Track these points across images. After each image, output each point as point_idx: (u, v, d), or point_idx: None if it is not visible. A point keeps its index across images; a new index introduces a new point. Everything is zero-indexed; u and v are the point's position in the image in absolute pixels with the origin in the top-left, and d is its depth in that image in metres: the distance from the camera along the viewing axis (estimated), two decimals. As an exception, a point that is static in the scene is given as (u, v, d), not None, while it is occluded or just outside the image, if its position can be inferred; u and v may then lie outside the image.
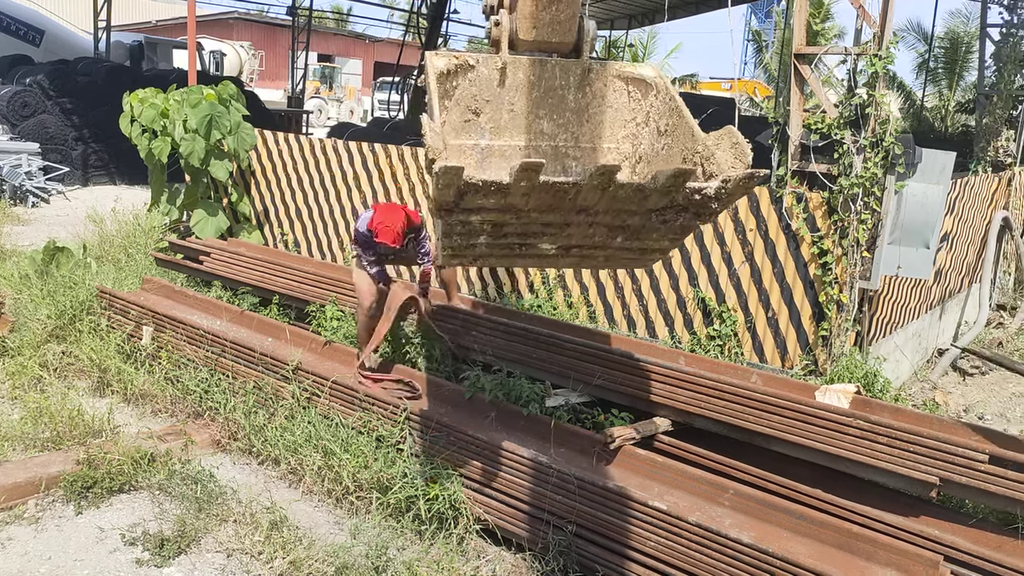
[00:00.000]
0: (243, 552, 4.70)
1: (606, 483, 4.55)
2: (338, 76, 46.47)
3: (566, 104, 3.66)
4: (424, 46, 21.83)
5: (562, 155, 3.82)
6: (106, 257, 8.96)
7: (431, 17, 22.37)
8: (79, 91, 17.77)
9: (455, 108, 3.59)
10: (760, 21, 45.34)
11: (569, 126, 3.72)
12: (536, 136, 3.73)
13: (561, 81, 3.56)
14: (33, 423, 5.82)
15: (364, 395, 5.59)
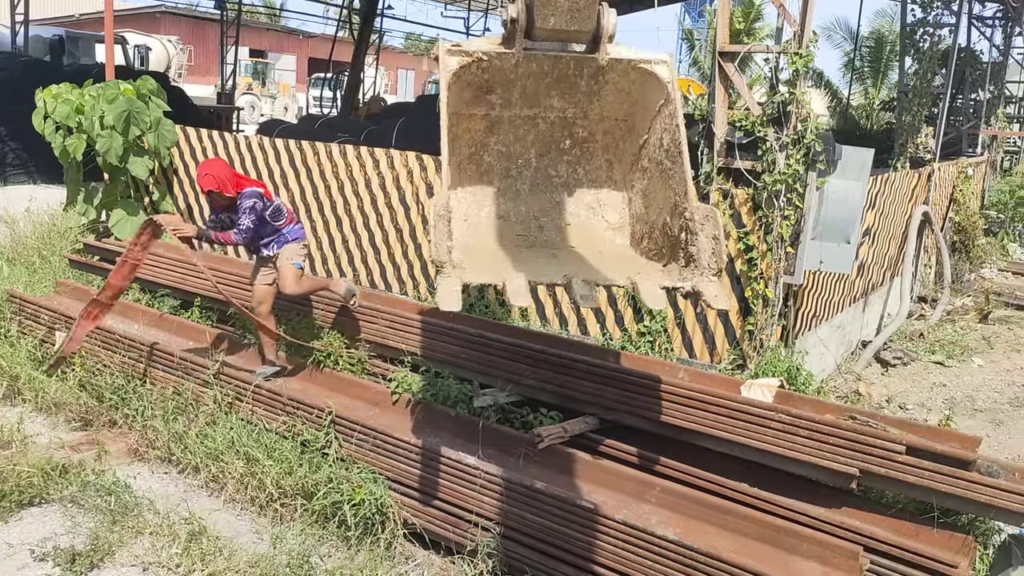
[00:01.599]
0: (159, 565, 4.54)
1: (533, 483, 4.51)
2: (271, 72, 45.58)
3: (578, 88, 3.65)
4: (357, 43, 21.54)
5: (570, 124, 3.80)
6: (18, 260, 8.57)
7: (364, 13, 22.08)
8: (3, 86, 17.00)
9: (467, 88, 3.52)
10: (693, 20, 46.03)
11: (580, 103, 3.71)
12: (546, 109, 3.71)
13: (575, 71, 3.52)
14: (-64, 436, 5.53)
15: (288, 399, 5.45)
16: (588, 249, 3.66)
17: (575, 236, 3.78)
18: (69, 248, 8.84)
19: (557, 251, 3.69)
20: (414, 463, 4.91)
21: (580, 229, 3.81)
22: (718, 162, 6.34)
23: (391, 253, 8.24)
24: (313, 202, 8.72)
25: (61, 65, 21.32)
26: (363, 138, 14.08)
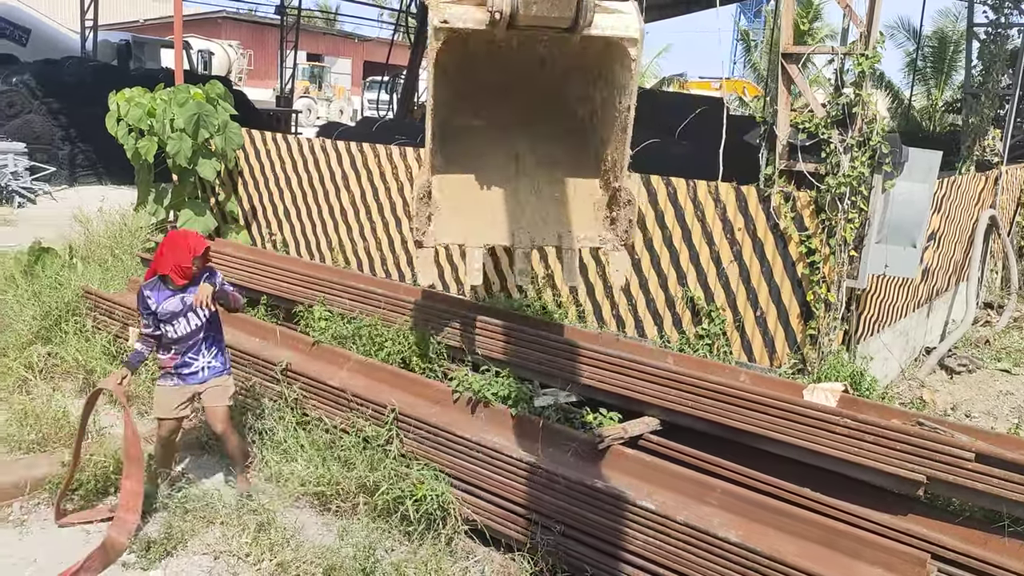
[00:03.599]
0: (230, 554, 4.69)
1: (594, 483, 4.55)
2: (327, 75, 46.32)
3: (552, 62, 3.88)
4: (413, 46, 21.79)
5: (543, 93, 4.04)
6: (92, 258, 8.90)
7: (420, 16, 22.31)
8: (66, 91, 17.66)
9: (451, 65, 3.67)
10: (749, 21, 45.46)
11: (553, 77, 3.95)
12: (521, 79, 3.94)
13: (551, 46, 3.66)
14: (18, 425, 5.78)
15: (352, 395, 5.57)
16: (543, 211, 3.96)
17: (536, 200, 4.00)
18: (140, 247, 9.14)
19: (519, 217, 3.97)
20: (475, 460, 4.98)
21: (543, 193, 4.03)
22: (780, 164, 6.29)
23: (449, 254, 8.35)
24: (373, 203, 8.87)
25: (128, 69, 21.98)
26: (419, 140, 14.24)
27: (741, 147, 9.79)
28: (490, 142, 4.06)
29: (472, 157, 4.01)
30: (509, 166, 4.10)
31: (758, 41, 38.30)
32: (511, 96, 3.84)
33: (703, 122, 13.94)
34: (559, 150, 4.11)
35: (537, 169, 4.12)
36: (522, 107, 3.93)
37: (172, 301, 4.91)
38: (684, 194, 6.78)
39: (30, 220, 13.59)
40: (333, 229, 9.29)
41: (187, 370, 5.03)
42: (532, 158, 4.11)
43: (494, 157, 4.08)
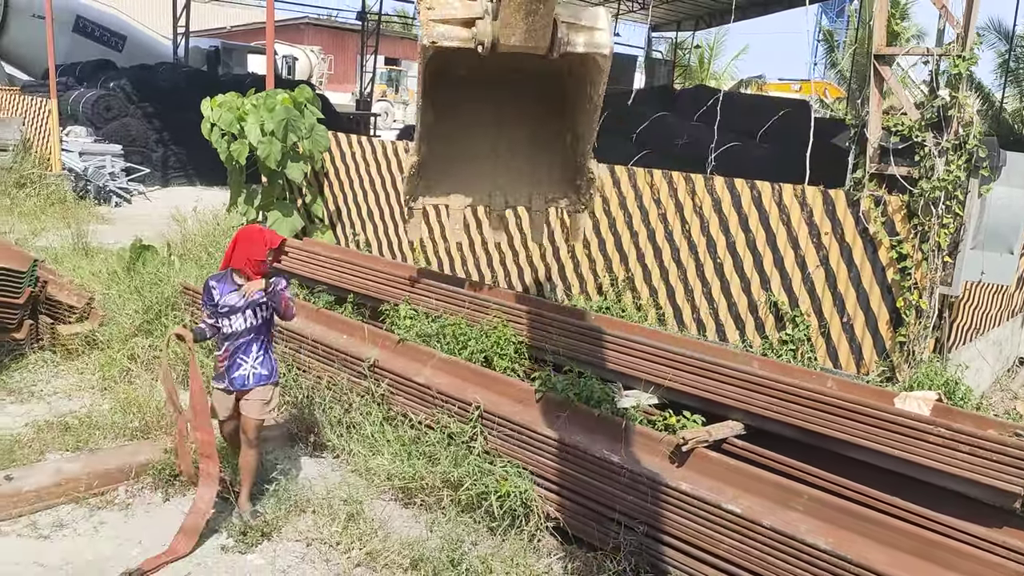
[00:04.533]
0: (322, 541, 4.85)
1: (679, 485, 4.56)
2: (404, 79, 47.09)
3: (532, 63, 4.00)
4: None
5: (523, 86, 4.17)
6: (188, 255, 9.28)
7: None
8: (160, 95, 18.42)
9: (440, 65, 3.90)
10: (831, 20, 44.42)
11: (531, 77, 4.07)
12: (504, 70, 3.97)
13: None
14: (122, 413, 6.09)
15: (437, 392, 5.70)
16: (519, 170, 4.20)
17: (513, 158, 4.23)
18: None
19: (497, 177, 4.19)
20: (558, 459, 5.04)
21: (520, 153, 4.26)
22: (870, 168, 6.19)
23: (529, 255, 8.44)
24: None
25: (217, 74, 22.80)
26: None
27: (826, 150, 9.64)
28: (474, 100, 4.26)
29: (459, 115, 4.22)
30: (492, 122, 4.32)
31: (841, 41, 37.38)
32: (495, 74, 4.01)
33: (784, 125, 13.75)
34: (539, 112, 4.32)
35: (518, 126, 4.33)
36: (505, 81, 4.10)
37: (234, 296, 4.90)
38: (769, 197, 6.72)
39: (126, 219, 14.23)
40: (415, 230, 9.48)
41: (235, 371, 4.93)
42: (514, 114, 4.33)
43: (479, 115, 4.29)
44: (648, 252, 7.50)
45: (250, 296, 4.88)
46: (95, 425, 5.93)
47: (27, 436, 5.75)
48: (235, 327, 4.93)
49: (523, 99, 4.13)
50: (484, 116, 4.17)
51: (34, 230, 11.76)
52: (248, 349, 4.97)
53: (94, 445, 5.71)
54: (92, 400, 6.49)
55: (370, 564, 4.65)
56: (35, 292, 7.22)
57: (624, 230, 7.64)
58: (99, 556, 4.60)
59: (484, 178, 4.14)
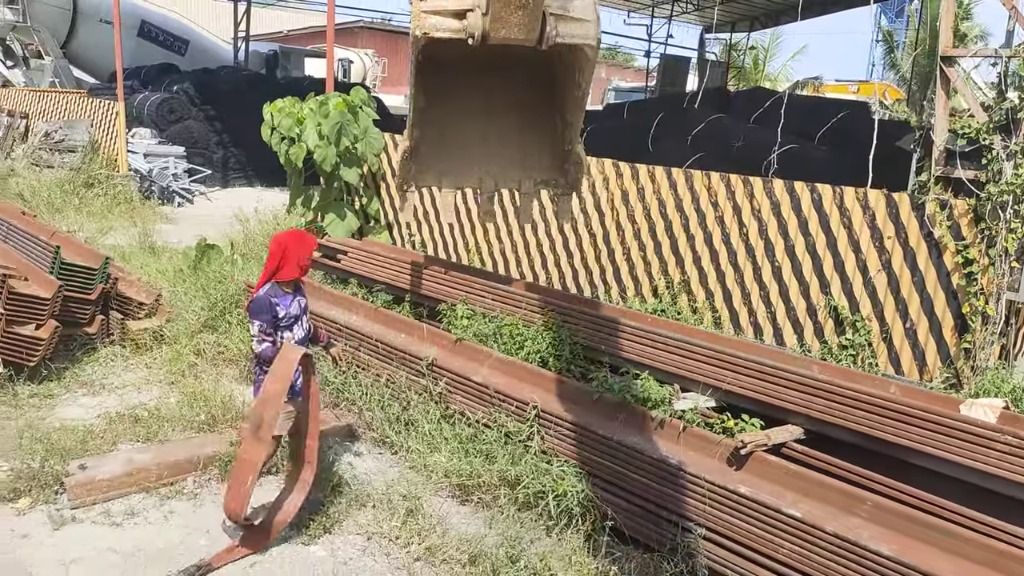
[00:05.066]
0: (382, 536, 4.94)
1: (737, 488, 4.54)
2: (456, 81, 47.40)
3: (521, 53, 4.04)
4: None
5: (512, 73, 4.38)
6: (250, 254, 9.51)
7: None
8: (221, 98, 18.86)
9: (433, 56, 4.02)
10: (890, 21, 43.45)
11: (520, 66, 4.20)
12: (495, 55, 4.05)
13: None
14: (189, 406, 6.27)
15: (495, 391, 5.76)
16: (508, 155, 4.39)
17: (503, 144, 4.41)
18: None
19: (487, 162, 4.37)
20: (615, 460, 5.06)
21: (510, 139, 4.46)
22: (936, 171, 6.08)
23: (584, 257, 8.47)
24: (510, 206, 9.09)
25: (276, 78, 23.24)
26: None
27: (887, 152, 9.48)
28: (466, 87, 4.34)
29: (450, 101, 4.29)
30: (482, 109, 4.41)
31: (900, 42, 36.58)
32: (486, 60, 4.06)
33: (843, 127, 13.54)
34: (529, 98, 4.39)
35: (507, 113, 4.40)
36: (496, 67, 4.15)
37: (293, 305, 4.87)
38: (830, 200, 6.65)
39: (188, 219, 14.61)
40: (470, 231, 9.59)
41: (296, 381, 4.80)
42: (504, 101, 4.40)
43: (470, 101, 4.36)
44: (705, 255, 7.46)
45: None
46: (163, 417, 6.12)
47: (99, 427, 5.97)
48: (296, 337, 4.93)
49: (513, 85, 4.21)
50: (475, 102, 4.28)
51: (102, 229, 12.14)
52: None
53: (163, 437, 5.90)
54: (160, 393, 6.70)
55: (429, 559, 4.72)
56: (106, 288, 7.49)
57: (680, 233, 7.61)
58: (169, 544, 4.75)
59: (475, 162, 4.27)
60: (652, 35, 30.65)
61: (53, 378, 6.71)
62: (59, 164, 15.21)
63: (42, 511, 4.94)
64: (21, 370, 6.55)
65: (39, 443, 5.53)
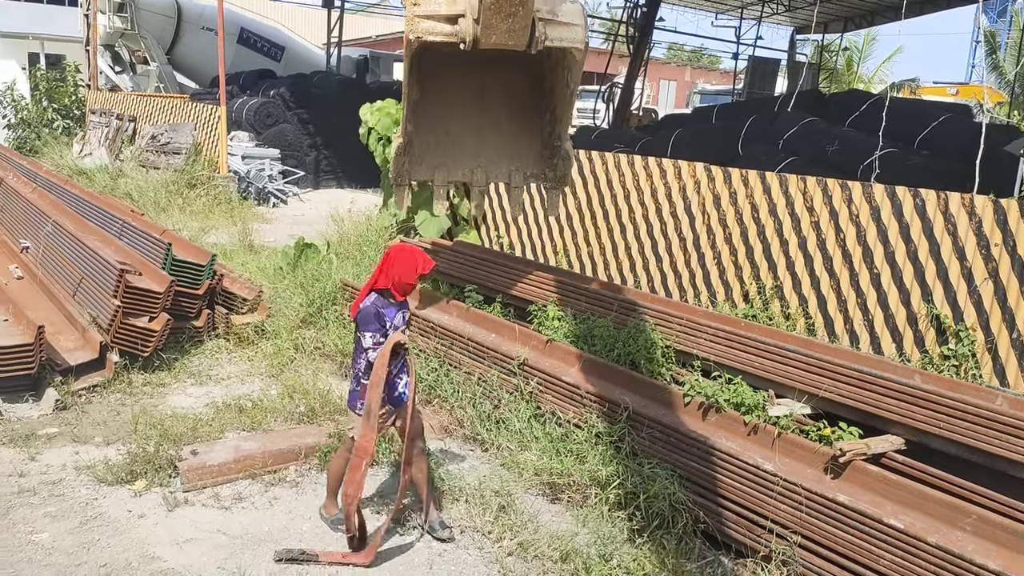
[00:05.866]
0: (474, 530, 5.05)
1: (835, 496, 4.48)
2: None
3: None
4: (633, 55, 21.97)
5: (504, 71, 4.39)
6: (344, 254, 9.80)
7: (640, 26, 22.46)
8: (314, 102, 19.45)
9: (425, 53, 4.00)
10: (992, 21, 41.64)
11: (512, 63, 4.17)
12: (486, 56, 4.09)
13: None
14: (289, 398, 6.53)
15: (586, 392, 5.82)
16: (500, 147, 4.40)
17: (496, 136, 4.42)
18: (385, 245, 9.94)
19: (479, 154, 4.39)
20: (708, 464, 5.05)
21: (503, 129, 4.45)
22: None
23: (673, 261, 8.43)
24: (599, 209, 9.13)
25: (366, 82, 23.81)
26: (637, 149, 14.42)
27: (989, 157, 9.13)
28: (459, 78, 4.41)
29: (443, 92, 4.36)
30: (475, 103, 4.47)
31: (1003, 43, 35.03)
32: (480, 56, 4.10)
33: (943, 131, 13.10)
34: (521, 92, 4.44)
35: (500, 107, 4.47)
36: (489, 61, 4.18)
37: (398, 316, 4.77)
38: (934, 206, 6.47)
39: (283, 219, 15.14)
40: (558, 233, 9.66)
41: (396, 390, 4.80)
42: (497, 95, 4.46)
43: (463, 91, 4.44)
44: (799, 260, 7.35)
45: None
46: (266, 408, 6.39)
47: (207, 416, 6.27)
48: None
49: (506, 80, 4.28)
50: (468, 95, 4.35)
51: (204, 228, 12.69)
52: (403, 367, 4.83)
53: (266, 427, 6.16)
54: (262, 385, 6.99)
55: (521, 554, 4.81)
56: (212, 284, 7.85)
57: (773, 237, 7.52)
58: (274, 528, 4.97)
59: (468, 155, 4.36)
60: (740, 37, 30.15)
61: (164, 368, 7.08)
62: (164, 166, 15.95)
63: (157, 493, 5.23)
64: (135, 360, 6.93)
65: (153, 429, 5.86)
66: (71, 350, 6.73)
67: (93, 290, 7.14)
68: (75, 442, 5.82)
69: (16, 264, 8.48)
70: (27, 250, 8.75)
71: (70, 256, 7.82)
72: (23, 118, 20.22)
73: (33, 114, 20.29)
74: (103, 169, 16.08)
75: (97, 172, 15.77)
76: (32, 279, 8.07)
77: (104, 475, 5.32)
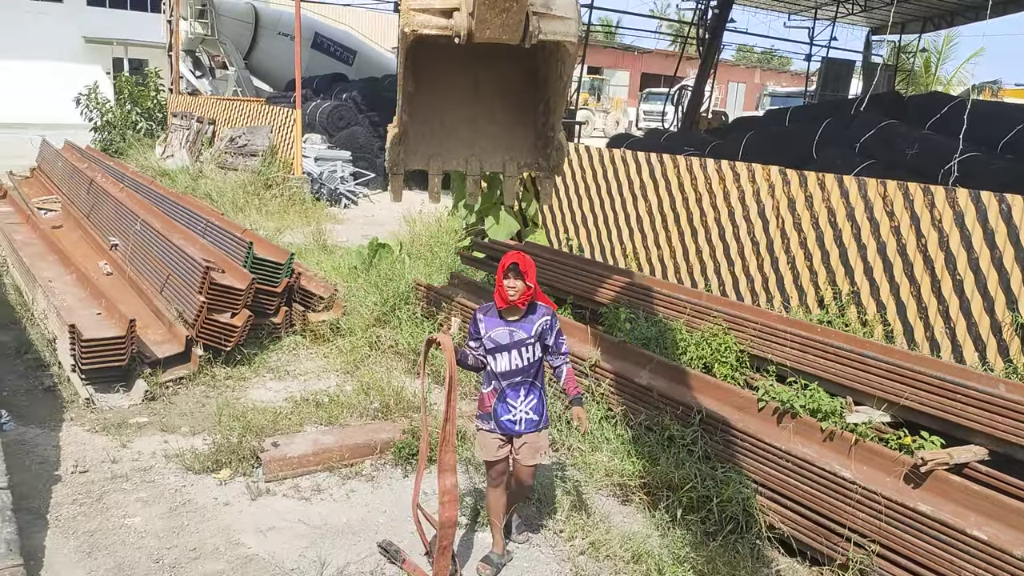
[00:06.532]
0: (546, 528, 5.11)
1: (916, 505, 4.40)
2: (606, 88, 47.46)
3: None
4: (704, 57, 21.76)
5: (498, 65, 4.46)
6: (417, 254, 9.97)
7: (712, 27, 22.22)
8: (385, 105, 19.77)
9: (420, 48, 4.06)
10: (1083, 19, 39.90)
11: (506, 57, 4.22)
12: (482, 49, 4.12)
13: None
14: (365, 394, 6.69)
15: (658, 395, 5.82)
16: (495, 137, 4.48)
17: (492, 126, 4.49)
18: (455, 246, 10.09)
19: (474, 144, 4.49)
20: (783, 469, 5.00)
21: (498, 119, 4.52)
22: None
23: (746, 265, 8.35)
24: (670, 212, 9.10)
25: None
26: (707, 152, 14.28)
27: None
28: (454, 69, 4.43)
29: (438, 83, 4.37)
30: (470, 93, 4.49)
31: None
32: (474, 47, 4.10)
33: (1030, 134, 12.63)
34: (515, 83, 4.45)
35: (494, 97, 4.48)
36: (483, 52, 4.18)
37: (501, 332, 4.50)
38: (1020, 211, 6.28)
39: (354, 219, 15.44)
40: (628, 236, 9.65)
41: (505, 416, 4.54)
42: (491, 85, 4.48)
43: (458, 82, 4.45)
44: (877, 266, 7.21)
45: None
46: (342, 404, 6.55)
47: (286, 409, 6.47)
48: (500, 367, 4.52)
49: (500, 70, 4.31)
50: (463, 86, 4.40)
51: (279, 228, 13.04)
52: (516, 392, 4.52)
53: (343, 422, 6.32)
54: (338, 381, 7.17)
55: (593, 554, 4.84)
56: (291, 282, 8.08)
57: (851, 242, 7.39)
58: (351, 520, 5.11)
59: (462, 145, 4.41)
60: (814, 38, 29.57)
61: (244, 363, 7.32)
62: (241, 167, 16.43)
63: (240, 482, 5.42)
64: (218, 354, 7.18)
65: (236, 421, 6.07)
66: (158, 343, 7.01)
67: (179, 286, 7.43)
68: (163, 431, 6.07)
69: (106, 261, 8.87)
70: (116, 247, 9.15)
71: (157, 254, 8.15)
72: (108, 121, 21.05)
73: (118, 117, 21.10)
74: (184, 170, 16.65)
75: (179, 173, 16.33)
76: (120, 275, 8.43)
77: (191, 463, 5.54)
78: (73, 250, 9.14)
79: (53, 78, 31.17)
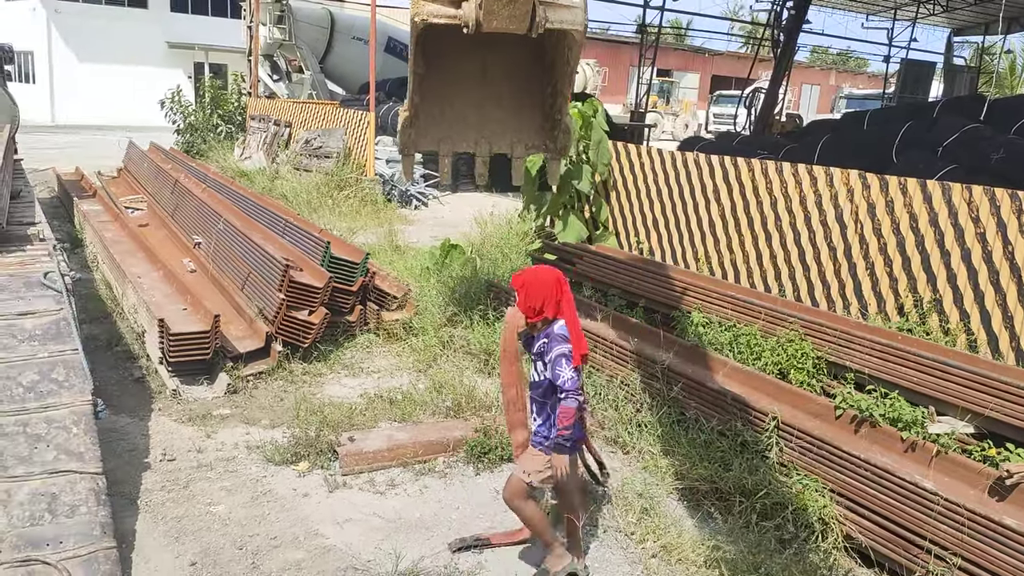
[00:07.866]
0: (617, 530, 5.11)
1: (1002, 519, 4.28)
2: (676, 91, 47.03)
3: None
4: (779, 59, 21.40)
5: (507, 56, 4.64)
6: (487, 256, 10.07)
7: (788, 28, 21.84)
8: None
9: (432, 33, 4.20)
10: None
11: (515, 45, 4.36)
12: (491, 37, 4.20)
13: None
14: (437, 392, 6.79)
15: (732, 399, 5.77)
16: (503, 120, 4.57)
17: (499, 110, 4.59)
18: (525, 248, 10.16)
19: (483, 126, 4.59)
20: (861, 478, 4.91)
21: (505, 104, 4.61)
22: None
23: (822, 271, 8.21)
24: (743, 217, 9.00)
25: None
26: (781, 156, 14.05)
27: None
28: (463, 55, 4.42)
29: (448, 68, 4.37)
30: (479, 76, 4.48)
31: None
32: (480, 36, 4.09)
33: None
34: (522, 66, 4.41)
35: (502, 80, 4.46)
36: (493, 38, 4.16)
37: (535, 344, 4.29)
38: (1117, 219, 6.04)
39: (424, 221, 15.64)
40: (700, 240, 9.58)
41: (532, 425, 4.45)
42: (499, 68, 4.45)
43: (467, 66, 4.44)
44: (961, 273, 7.01)
45: None
46: (415, 401, 6.67)
47: (361, 405, 6.61)
48: (530, 376, 4.40)
49: (508, 54, 4.29)
50: (471, 72, 4.40)
51: (352, 228, 13.30)
52: (533, 406, 4.40)
53: (416, 419, 6.44)
54: (410, 379, 7.29)
55: (664, 557, 4.83)
56: (365, 282, 8.25)
57: (933, 248, 7.20)
58: (424, 515, 5.20)
59: (471, 128, 4.42)
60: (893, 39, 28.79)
61: (320, 359, 7.51)
62: (316, 168, 16.81)
63: (318, 474, 5.57)
64: (295, 350, 7.39)
65: (313, 415, 6.24)
66: (239, 338, 7.25)
67: (259, 284, 7.67)
68: (245, 423, 6.28)
69: (189, 258, 9.21)
70: (199, 245, 9.48)
71: (239, 252, 8.42)
72: (191, 123, 21.79)
73: (199, 120, 21.83)
74: (261, 171, 17.12)
75: (256, 174, 16.81)
76: (203, 272, 8.73)
77: (272, 455, 5.72)
78: (159, 248, 9.51)
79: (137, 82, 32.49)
